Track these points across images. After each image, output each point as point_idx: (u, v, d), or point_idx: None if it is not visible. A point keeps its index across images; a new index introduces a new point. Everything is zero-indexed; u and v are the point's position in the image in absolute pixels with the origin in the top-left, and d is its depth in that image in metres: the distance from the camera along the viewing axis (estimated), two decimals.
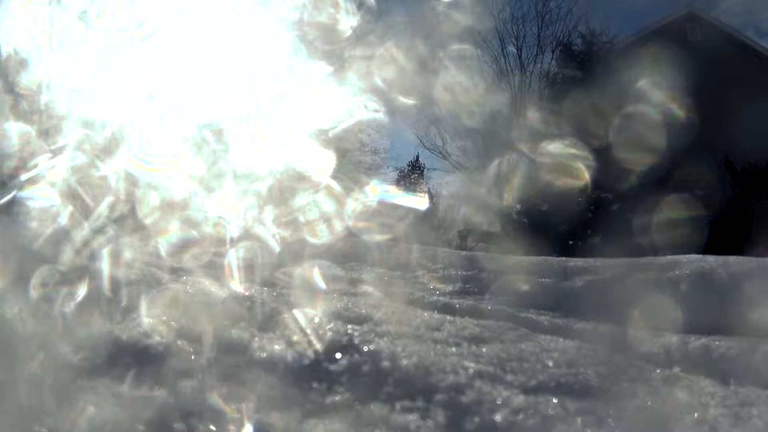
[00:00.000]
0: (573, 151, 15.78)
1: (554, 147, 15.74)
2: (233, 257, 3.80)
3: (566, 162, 15.78)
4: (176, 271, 3.75)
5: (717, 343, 3.38)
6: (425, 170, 30.36)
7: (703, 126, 17.10)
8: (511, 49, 27.93)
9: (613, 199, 16.45)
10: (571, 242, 15.38)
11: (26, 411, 1.97)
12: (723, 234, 14.97)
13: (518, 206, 17.85)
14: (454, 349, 2.60)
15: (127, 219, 4.01)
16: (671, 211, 15.39)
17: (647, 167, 15.77)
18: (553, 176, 15.74)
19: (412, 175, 29.46)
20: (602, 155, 15.83)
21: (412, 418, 2.04)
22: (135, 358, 2.33)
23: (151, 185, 4.01)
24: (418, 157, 30.41)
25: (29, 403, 2.01)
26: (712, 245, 11.86)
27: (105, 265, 3.37)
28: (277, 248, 4.15)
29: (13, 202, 3.85)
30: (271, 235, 4.17)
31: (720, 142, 16.93)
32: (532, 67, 27.16)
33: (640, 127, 16.35)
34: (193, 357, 2.38)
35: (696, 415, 2.28)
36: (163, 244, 3.97)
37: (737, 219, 15.95)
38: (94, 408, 1.98)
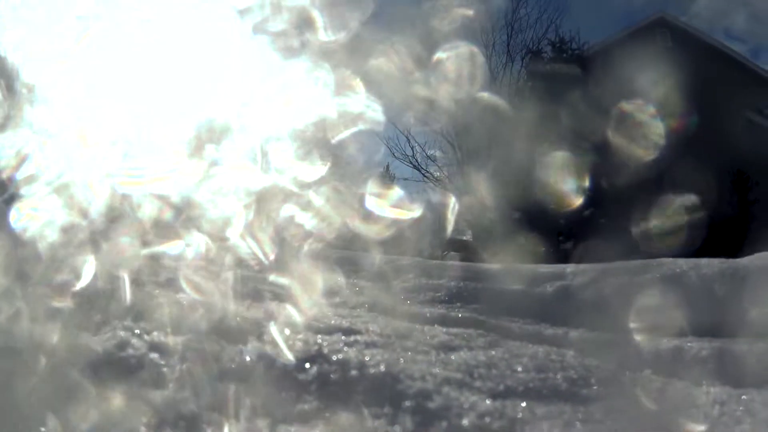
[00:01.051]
0: (543, 159, 15.87)
1: (525, 155, 15.81)
2: (219, 268, 3.78)
3: (537, 170, 15.86)
4: (164, 282, 3.71)
5: (689, 344, 3.40)
6: (395, 179, 30.31)
7: (676, 130, 17.22)
8: (481, 57, 27.98)
9: (586, 206, 16.54)
10: (543, 249, 15.42)
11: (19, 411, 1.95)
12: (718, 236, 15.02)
13: (490, 214, 17.87)
14: (422, 356, 2.58)
15: (116, 227, 3.98)
16: (646, 217, 15.52)
17: (622, 173, 15.86)
18: (524, 184, 15.80)
19: (382, 184, 29.33)
20: (574, 162, 15.93)
21: (379, 423, 2.02)
22: (113, 367, 2.30)
23: (141, 194, 3.98)
24: (388, 166, 30.40)
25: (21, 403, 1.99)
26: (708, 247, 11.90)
27: (92, 275, 3.33)
28: (259, 259, 4.13)
29: (8, 203, 3.81)
30: (252, 246, 4.14)
31: (692, 146, 17.05)
32: (501, 74, 27.27)
33: (613, 133, 16.47)
34: (175, 367, 2.35)
35: (667, 416, 2.28)
36: (151, 254, 3.94)
37: (725, 223, 16.03)
38: (71, 413, 1.96)
